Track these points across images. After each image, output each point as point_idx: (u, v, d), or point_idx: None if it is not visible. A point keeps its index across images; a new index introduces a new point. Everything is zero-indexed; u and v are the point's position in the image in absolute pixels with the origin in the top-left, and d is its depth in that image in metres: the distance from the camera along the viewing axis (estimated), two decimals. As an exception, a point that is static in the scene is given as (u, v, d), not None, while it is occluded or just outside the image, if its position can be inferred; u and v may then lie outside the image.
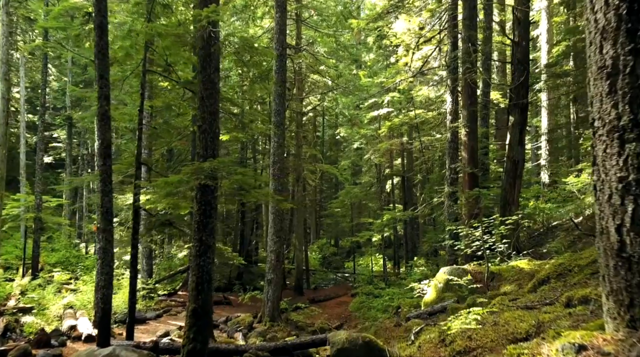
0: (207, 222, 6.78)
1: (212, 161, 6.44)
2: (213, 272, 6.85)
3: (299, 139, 21.29)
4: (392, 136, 23.83)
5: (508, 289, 7.30)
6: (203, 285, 6.63)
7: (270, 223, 14.14)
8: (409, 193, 25.63)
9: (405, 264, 24.53)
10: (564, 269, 5.40)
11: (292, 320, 14.81)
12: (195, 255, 6.73)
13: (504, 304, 4.71)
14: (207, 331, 6.61)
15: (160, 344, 8.03)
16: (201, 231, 6.74)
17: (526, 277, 7.53)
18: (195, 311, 6.55)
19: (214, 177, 6.59)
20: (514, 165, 11.93)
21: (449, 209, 12.78)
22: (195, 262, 6.70)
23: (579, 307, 3.30)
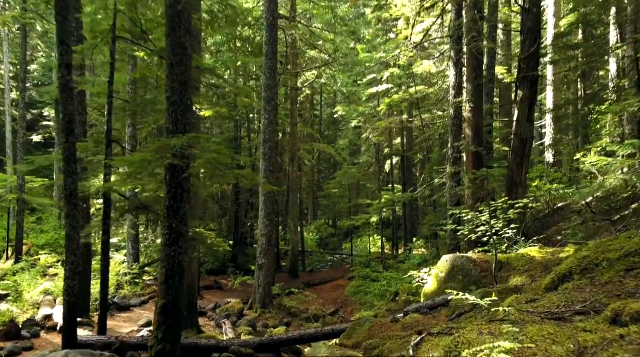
0: (178, 207, 5.95)
1: (181, 137, 5.58)
2: (185, 263, 6.05)
3: (293, 117, 20.35)
4: (392, 114, 22.88)
5: (519, 281, 6.52)
6: (174, 278, 5.84)
7: (261, 205, 13.34)
8: (409, 173, 24.80)
9: (404, 245, 23.87)
10: (589, 263, 4.59)
11: (285, 306, 14.14)
12: (165, 244, 5.93)
13: (522, 308, 3.91)
14: (178, 330, 5.85)
15: (133, 341, 7.30)
16: (171, 217, 5.92)
17: (539, 268, 6.74)
18: (165, 308, 5.77)
19: (184, 156, 5.73)
20: (522, 144, 11.06)
21: (451, 191, 11.96)
22: (165, 253, 5.90)
23: (633, 328, 2.51)
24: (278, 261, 21.83)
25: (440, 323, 5.91)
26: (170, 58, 5.99)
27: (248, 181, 6.47)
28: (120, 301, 12.56)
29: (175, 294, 5.86)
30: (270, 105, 13.17)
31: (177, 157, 5.75)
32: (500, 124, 20.41)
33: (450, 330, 4.47)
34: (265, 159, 13.22)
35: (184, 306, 10.08)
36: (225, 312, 12.53)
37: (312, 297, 15.23)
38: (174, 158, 5.76)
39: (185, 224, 6.02)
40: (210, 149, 5.87)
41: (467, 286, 7.25)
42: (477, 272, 7.30)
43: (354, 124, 26.05)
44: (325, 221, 37.11)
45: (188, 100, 6.09)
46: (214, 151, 5.94)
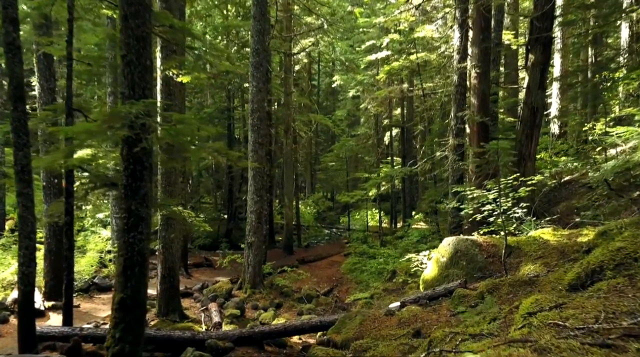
0: (137, 187, 5.08)
1: (135, 104, 4.66)
2: (148, 250, 5.23)
3: (287, 86, 19.26)
4: (391, 83, 21.75)
5: (531, 269, 5.71)
6: (133, 269, 5.03)
7: (250, 180, 12.47)
8: (409, 145, 23.86)
9: (403, 219, 23.15)
10: (625, 257, 3.76)
11: (277, 285, 13.46)
12: (123, 229, 5.08)
13: (547, 319, 3.09)
14: (139, 328, 5.08)
15: (100, 332, 6.56)
16: (130, 198, 5.05)
17: (554, 254, 5.93)
18: (123, 303, 4.98)
19: (142, 126, 4.82)
20: (532, 113, 10.13)
21: (453, 165, 11.09)
22: (123, 239, 5.07)
23: None
24: (273, 235, 21.16)
25: (442, 320, 5.13)
26: (124, 8, 5.00)
27: (222, 156, 5.58)
28: (101, 281, 11.85)
29: (136, 286, 5.06)
30: (259, 72, 12.13)
31: (132, 128, 4.85)
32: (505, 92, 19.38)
33: (454, 339, 3.67)
34: (254, 130, 12.28)
35: (170, 292, 9.39)
36: (212, 293, 11.85)
37: (306, 276, 14.56)
38: (130, 129, 4.85)
39: (146, 206, 5.16)
40: (173, 118, 4.95)
41: (471, 273, 6.48)
42: (482, 258, 6.50)
43: (352, 93, 24.92)
44: (323, 194, 36.38)
45: (147, 59, 5.13)
46: (178, 120, 5.02)
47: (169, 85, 9.30)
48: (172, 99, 9.37)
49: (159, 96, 9.36)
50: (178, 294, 9.72)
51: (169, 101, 9.28)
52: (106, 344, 4.90)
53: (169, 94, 9.31)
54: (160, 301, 9.50)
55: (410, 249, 14.62)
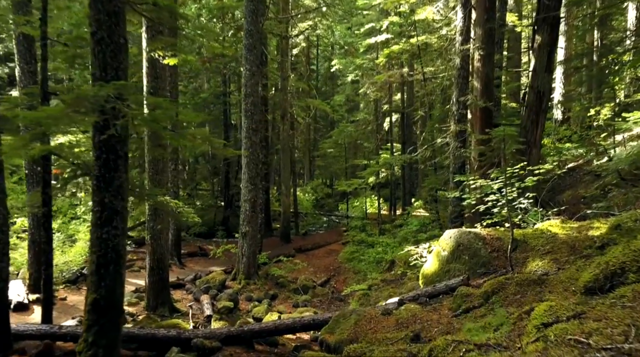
0: (111, 178, 4.64)
1: (104, 86, 4.19)
2: (124, 247, 4.81)
3: (284, 70, 18.68)
4: (391, 67, 21.16)
5: (539, 266, 5.30)
6: (108, 267, 4.62)
7: (243, 168, 12.03)
8: (409, 131, 23.35)
9: (403, 206, 22.76)
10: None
11: (273, 275, 13.12)
12: (95, 224, 4.66)
13: (566, 333, 2.67)
14: (115, 332, 4.68)
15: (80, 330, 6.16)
16: (102, 189, 4.61)
17: (563, 249, 5.52)
18: (97, 304, 4.58)
19: (112, 111, 4.37)
20: (538, 98, 9.65)
21: (454, 152, 10.64)
22: (95, 235, 4.64)
23: None
24: (269, 224, 20.79)
25: (443, 321, 4.74)
26: (92, -20, 4.51)
27: (205, 144, 5.12)
28: (90, 273, 11.46)
29: (110, 286, 4.66)
30: (252, 54, 11.60)
31: (106, 113, 4.40)
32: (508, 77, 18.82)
33: (457, 348, 3.27)
34: (247, 116, 11.80)
35: (159, 284, 8.99)
36: (205, 284, 11.49)
37: (302, 266, 14.21)
38: (101, 114, 4.40)
39: (121, 198, 4.73)
40: (149, 102, 4.49)
41: (474, 268, 6.08)
42: (486, 252, 6.10)
43: (351, 77, 24.32)
44: (322, 180, 35.94)
45: (120, 37, 4.64)
46: (154, 104, 4.56)
47: (156, 68, 8.80)
48: (159, 83, 8.88)
49: (145, 80, 8.87)
50: (167, 286, 9.35)
51: (155, 84, 8.80)
52: (77, 348, 4.52)
53: (156, 77, 8.82)
54: (149, 293, 9.13)
55: (410, 238, 14.26)
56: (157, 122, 4.50)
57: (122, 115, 4.20)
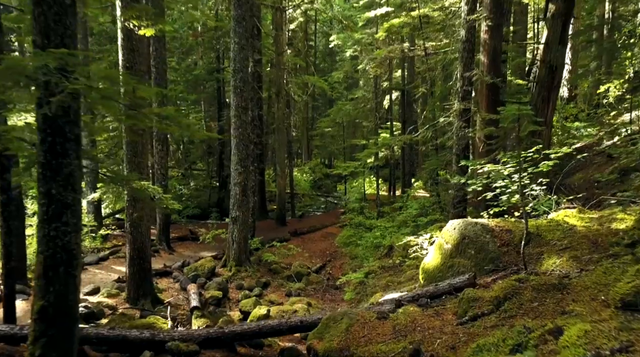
0: (59, 165, 3.93)
1: (43, 55, 3.45)
2: (78, 245, 4.15)
3: (278, 45, 17.76)
4: (391, 42, 20.21)
5: (557, 265, 4.65)
6: (57, 269, 3.95)
7: (233, 149, 11.31)
8: (409, 110, 22.54)
9: (402, 187, 22.13)
10: None
11: (266, 261, 12.55)
12: (42, 220, 3.97)
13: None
14: (69, 342, 4.05)
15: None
16: (49, 179, 3.91)
17: (584, 244, 4.86)
18: (44, 312, 3.93)
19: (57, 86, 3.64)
20: (551, 72, 8.88)
21: (458, 132, 9.88)
22: (42, 233, 3.96)
23: None
24: (265, 206, 20.15)
25: (447, 330, 4.10)
26: None
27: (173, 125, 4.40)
28: (72, 260, 10.85)
29: (61, 291, 4.00)
30: (242, 27, 10.75)
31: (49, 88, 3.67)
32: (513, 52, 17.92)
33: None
34: (236, 93, 11.02)
35: (140, 275, 8.33)
36: (193, 272, 10.90)
37: (297, 251, 13.62)
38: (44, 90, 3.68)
39: (72, 189, 4.03)
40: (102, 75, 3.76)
41: (481, 265, 5.43)
42: (495, 247, 5.44)
43: (349, 53, 23.35)
44: (320, 160, 35.20)
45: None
46: (105, 78, 3.82)
47: (132, 40, 7.99)
48: (136, 57, 8.09)
49: (120, 53, 8.08)
50: (150, 277, 8.74)
51: (131, 59, 8.02)
52: (24, 363, 3.89)
53: (132, 50, 8.03)
54: (130, 285, 8.53)
55: (409, 222, 13.64)
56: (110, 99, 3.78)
57: (60, 90, 3.47)
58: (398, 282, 10.11)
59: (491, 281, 5.07)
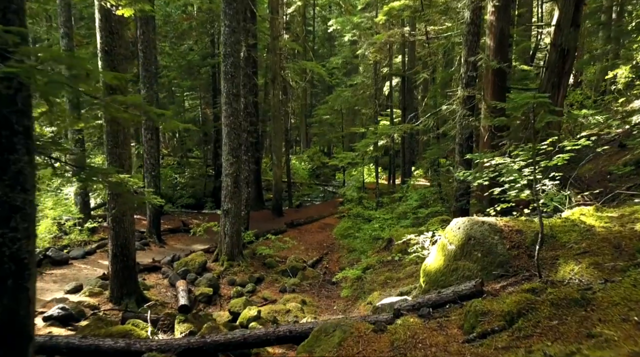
0: (5, 162, 3.38)
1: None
2: (31, 253, 3.63)
3: (274, 29, 17.07)
4: (391, 26, 19.49)
5: (576, 272, 4.14)
6: (5, 281, 3.42)
7: (224, 138, 10.76)
8: (410, 96, 21.88)
9: (402, 176, 21.58)
10: None
11: (260, 255, 12.06)
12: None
13: None
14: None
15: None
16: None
17: (605, 249, 4.35)
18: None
19: None
20: (562, 57, 8.28)
21: (462, 121, 9.33)
22: (-15, 240, 3.45)
23: None
24: (261, 196, 19.64)
25: (452, 349, 3.60)
26: None
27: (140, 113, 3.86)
28: (56, 254, 10.38)
29: (11, 306, 3.49)
30: (232, 8, 10.12)
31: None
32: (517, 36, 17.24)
33: None
34: (227, 79, 10.43)
35: (124, 273, 7.78)
36: (183, 267, 10.43)
37: (292, 244, 13.13)
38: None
39: (22, 189, 3.50)
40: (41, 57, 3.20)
41: (488, 269, 4.92)
42: (504, 249, 4.92)
43: (348, 37, 22.62)
44: (319, 148, 34.58)
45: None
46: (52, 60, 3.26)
47: (110, 22, 7.40)
48: (115, 39, 7.50)
49: (98, 35, 7.49)
50: (134, 274, 8.26)
51: (110, 41, 7.43)
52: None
53: (111, 32, 7.43)
54: (113, 283, 8.05)
55: (409, 214, 13.13)
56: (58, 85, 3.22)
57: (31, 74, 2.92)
58: (397, 278, 9.64)
59: (500, 288, 4.57)
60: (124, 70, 7.74)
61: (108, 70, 7.52)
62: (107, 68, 7.50)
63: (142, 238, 12.88)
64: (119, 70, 7.59)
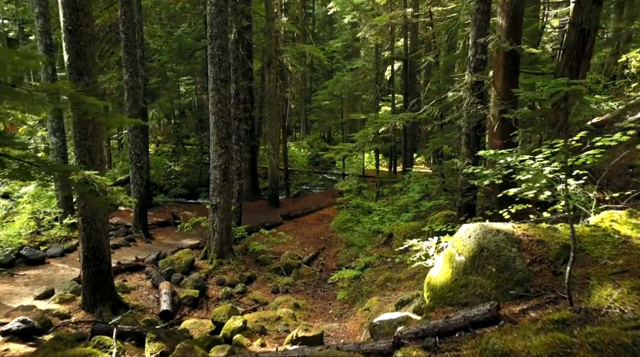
0: None
1: None
2: None
3: (269, 10, 16.12)
4: (393, 7, 18.51)
5: (614, 298, 3.38)
6: None
7: (211, 128, 9.97)
8: (412, 81, 20.94)
9: (404, 163, 20.76)
10: None
11: (253, 251, 11.38)
12: None
13: None
14: None
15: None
16: None
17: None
18: None
19: None
20: (582, 37, 7.44)
21: (469, 109, 8.50)
22: None
23: None
24: (257, 186, 18.88)
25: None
26: None
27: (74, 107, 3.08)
28: (31, 252, 9.67)
29: None
30: (218, -15, 9.23)
31: None
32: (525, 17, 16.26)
33: None
34: (214, 62, 9.59)
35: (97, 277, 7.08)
36: (168, 266, 9.73)
37: (288, 238, 12.42)
38: None
39: None
40: None
41: (505, 287, 4.18)
42: (523, 264, 4.17)
43: (348, 19, 21.60)
44: (319, 134, 33.70)
45: None
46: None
47: None
48: (81, 18, 6.66)
49: (61, 13, 6.66)
50: (110, 278, 7.54)
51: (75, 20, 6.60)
52: None
53: (75, 9, 6.60)
54: (85, 289, 7.35)
55: (411, 207, 12.37)
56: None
57: None
58: (397, 279, 8.92)
59: (520, 312, 3.83)
60: (92, 52, 6.91)
61: (73, 53, 6.73)
62: (72, 50, 6.68)
63: (127, 233, 12.19)
64: (85, 52, 6.78)
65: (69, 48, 6.71)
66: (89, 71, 6.88)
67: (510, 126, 7.86)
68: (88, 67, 6.88)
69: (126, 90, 11.76)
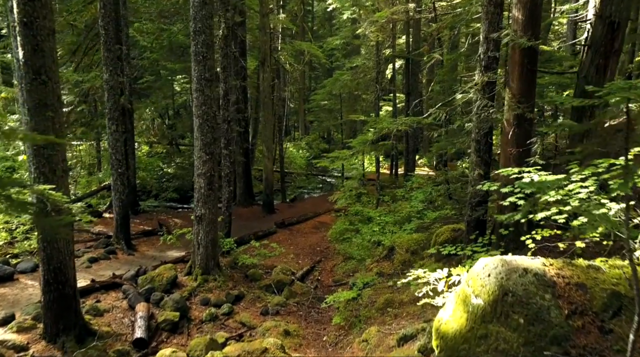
0: None
1: None
2: None
3: (263, 5, 15.24)
4: (395, 2, 17.61)
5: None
6: None
7: (195, 133, 9.10)
8: (414, 80, 20.07)
9: (405, 166, 19.89)
10: None
11: (243, 264, 10.50)
12: None
13: None
14: None
15: None
16: None
17: None
18: None
19: None
20: (609, 31, 6.57)
21: (480, 112, 7.62)
22: None
23: None
24: (250, 191, 17.96)
25: None
26: None
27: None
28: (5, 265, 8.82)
29: None
30: (202, -25, 8.36)
31: None
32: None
33: None
34: (198, 60, 8.73)
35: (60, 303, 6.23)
36: (148, 284, 8.85)
37: (281, 251, 11.54)
38: None
39: None
40: None
41: (536, 344, 3.30)
42: (561, 316, 3.30)
43: (347, 15, 20.74)
44: (318, 134, 32.82)
45: None
46: None
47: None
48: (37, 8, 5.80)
49: (15, 3, 5.79)
50: (75, 303, 6.69)
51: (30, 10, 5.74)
52: None
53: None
54: (46, 317, 6.49)
55: (413, 217, 11.50)
56: None
57: None
58: (400, 302, 8.03)
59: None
60: (52, 48, 6.05)
61: (29, 49, 5.87)
62: (27, 46, 5.82)
63: (108, 245, 11.32)
64: (44, 48, 5.92)
65: (24, 43, 5.84)
66: (48, 69, 6.02)
67: (527, 132, 7.00)
68: (47, 65, 6.02)
69: (106, 90, 10.89)
